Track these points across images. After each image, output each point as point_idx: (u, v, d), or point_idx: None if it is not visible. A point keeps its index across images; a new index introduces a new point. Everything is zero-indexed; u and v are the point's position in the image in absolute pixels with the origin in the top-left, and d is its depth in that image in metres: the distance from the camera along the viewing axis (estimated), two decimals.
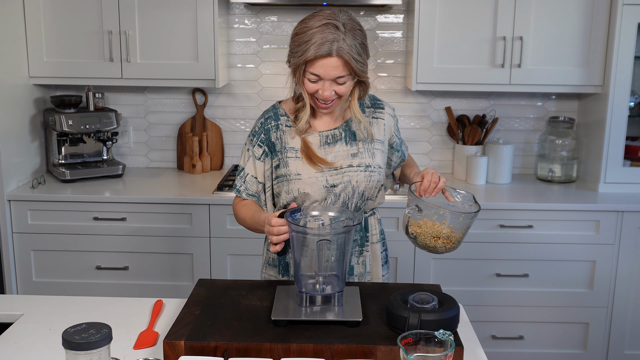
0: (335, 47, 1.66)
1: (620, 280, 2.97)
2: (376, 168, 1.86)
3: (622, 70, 2.98)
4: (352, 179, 1.83)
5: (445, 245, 1.67)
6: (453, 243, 1.68)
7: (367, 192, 1.86)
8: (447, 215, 1.66)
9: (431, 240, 1.67)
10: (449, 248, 1.69)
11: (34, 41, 3.09)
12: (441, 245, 1.67)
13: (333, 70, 1.69)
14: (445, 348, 1.22)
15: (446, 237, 1.66)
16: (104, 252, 3.00)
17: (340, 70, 1.69)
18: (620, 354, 3.05)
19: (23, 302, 1.79)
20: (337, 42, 1.66)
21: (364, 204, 1.88)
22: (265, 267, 1.98)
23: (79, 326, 1.14)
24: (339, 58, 1.67)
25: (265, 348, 1.41)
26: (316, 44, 1.66)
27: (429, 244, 1.68)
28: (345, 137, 1.85)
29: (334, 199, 1.84)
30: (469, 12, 3.03)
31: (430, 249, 1.68)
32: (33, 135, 3.20)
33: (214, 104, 3.46)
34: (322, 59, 1.68)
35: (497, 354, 3.05)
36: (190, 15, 3.05)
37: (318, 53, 1.66)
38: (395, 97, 3.41)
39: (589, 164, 3.24)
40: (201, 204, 2.93)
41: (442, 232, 1.66)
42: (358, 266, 1.91)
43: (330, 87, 1.72)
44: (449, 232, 1.66)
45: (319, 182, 1.82)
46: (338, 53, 1.67)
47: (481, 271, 2.99)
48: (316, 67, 1.69)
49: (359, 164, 1.84)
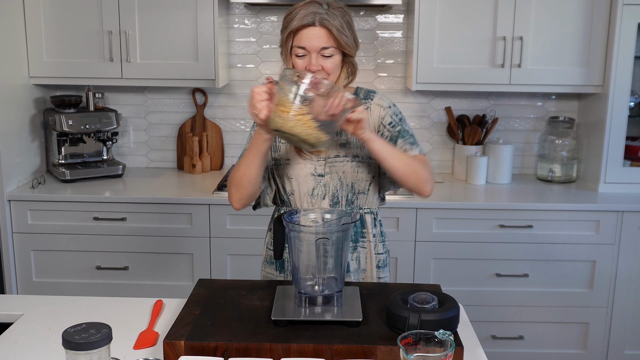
0: (318, 17, 1.73)
1: (620, 280, 2.97)
2: (365, 159, 1.84)
3: (622, 70, 2.98)
4: (339, 169, 1.83)
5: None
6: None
7: (357, 184, 1.85)
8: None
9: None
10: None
11: (34, 41, 3.09)
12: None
13: (317, 41, 1.73)
14: (445, 348, 1.22)
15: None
16: (104, 252, 3.00)
17: (324, 40, 1.73)
18: (620, 354, 3.05)
19: (23, 302, 1.79)
20: (320, 14, 1.73)
21: (355, 198, 1.87)
22: (264, 265, 1.99)
23: (79, 326, 1.14)
24: (323, 28, 1.73)
25: (265, 348, 1.41)
26: (300, 16, 1.74)
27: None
28: None
29: (323, 190, 1.84)
30: (469, 12, 3.03)
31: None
32: (33, 135, 3.20)
33: (214, 104, 3.46)
34: (306, 29, 1.73)
35: (497, 354, 3.05)
36: (190, 15, 3.05)
37: (301, 23, 1.73)
38: (395, 97, 3.41)
39: (589, 164, 3.24)
40: (201, 204, 2.93)
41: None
42: (352, 262, 1.90)
43: (317, 61, 1.74)
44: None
45: (306, 169, 1.83)
46: (321, 23, 1.73)
47: (481, 271, 2.99)
48: (302, 39, 1.74)
49: (346, 154, 1.84)
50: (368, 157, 1.85)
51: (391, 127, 1.87)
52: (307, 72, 1.61)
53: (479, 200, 2.99)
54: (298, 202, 1.87)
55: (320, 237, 1.54)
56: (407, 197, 2.95)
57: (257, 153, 1.73)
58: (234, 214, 2.93)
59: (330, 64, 1.76)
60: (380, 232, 1.97)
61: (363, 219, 1.91)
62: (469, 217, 2.93)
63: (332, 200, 1.85)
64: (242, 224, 2.94)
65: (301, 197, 1.86)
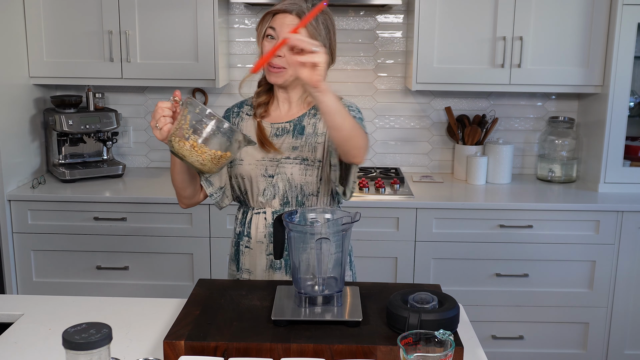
0: (296, 7, 1.76)
1: (620, 280, 2.97)
2: (315, 162, 1.84)
3: (622, 70, 2.98)
4: (287, 170, 1.84)
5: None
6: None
7: (305, 186, 1.85)
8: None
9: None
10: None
11: (34, 41, 3.09)
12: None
13: (287, 28, 1.74)
14: (445, 348, 1.22)
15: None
16: (104, 252, 3.00)
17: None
18: (620, 354, 3.05)
19: (23, 302, 1.79)
20: (301, 7, 1.76)
21: (305, 199, 1.87)
22: (229, 263, 2.00)
23: (79, 326, 1.14)
24: (298, 18, 1.75)
25: (265, 348, 1.41)
26: (283, 3, 1.78)
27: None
28: (293, 131, 1.87)
29: (274, 191, 1.85)
30: (469, 12, 3.03)
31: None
32: (33, 135, 3.20)
33: (214, 104, 3.46)
34: (282, 14, 1.77)
35: (497, 354, 3.05)
36: (190, 15, 3.05)
37: (281, 7, 1.77)
38: (395, 97, 3.42)
39: (589, 164, 3.24)
40: (201, 204, 2.93)
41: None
42: None
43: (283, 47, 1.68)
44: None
45: (257, 169, 1.85)
46: (298, 13, 1.76)
47: (481, 271, 2.99)
48: (275, 21, 1.78)
49: (297, 157, 1.84)
50: (318, 160, 1.84)
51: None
52: (208, 111, 1.58)
53: (479, 200, 2.99)
54: (251, 201, 1.89)
55: (320, 237, 1.54)
56: (407, 197, 2.96)
57: (174, 159, 1.72)
58: (234, 214, 2.93)
59: None
60: None
61: None
62: (469, 217, 2.93)
63: (282, 201, 1.86)
64: None
65: (254, 197, 1.89)
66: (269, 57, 1.68)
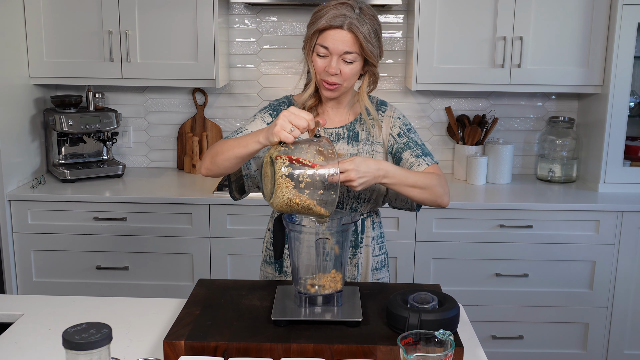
0: (347, 21, 1.69)
1: (620, 280, 2.97)
2: None
3: (622, 70, 2.98)
4: None
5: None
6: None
7: (363, 194, 1.85)
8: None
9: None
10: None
11: (34, 41, 3.09)
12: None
13: (342, 44, 1.70)
14: (445, 348, 1.22)
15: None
16: (104, 252, 3.00)
17: (349, 45, 1.71)
18: (620, 354, 3.05)
19: (23, 302, 1.79)
20: (351, 18, 1.70)
21: (360, 206, 1.87)
22: (263, 265, 1.99)
23: (79, 326, 1.14)
24: (350, 32, 1.70)
25: (265, 348, 1.41)
26: (329, 16, 1.70)
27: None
28: (347, 137, 1.86)
29: None
30: (469, 12, 3.03)
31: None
32: (33, 135, 3.20)
33: (214, 104, 3.46)
34: (333, 30, 1.70)
35: (497, 354, 3.05)
36: (190, 15, 3.05)
37: (329, 23, 1.70)
38: (395, 97, 3.41)
39: (589, 164, 3.24)
40: (201, 204, 2.93)
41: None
42: (351, 268, 1.90)
43: (337, 64, 1.72)
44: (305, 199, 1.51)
45: None
46: (349, 27, 1.70)
47: (481, 271, 2.99)
48: (326, 39, 1.71)
49: None
50: None
51: (399, 137, 1.87)
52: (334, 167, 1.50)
53: (479, 200, 2.99)
54: None
55: (320, 237, 1.54)
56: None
57: (245, 145, 1.63)
58: (234, 213, 2.94)
59: (350, 69, 1.75)
60: (380, 233, 1.96)
61: (364, 223, 1.91)
62: (469, 217, 2.93)
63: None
64: (242, 224, 2.94)
65: None
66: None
